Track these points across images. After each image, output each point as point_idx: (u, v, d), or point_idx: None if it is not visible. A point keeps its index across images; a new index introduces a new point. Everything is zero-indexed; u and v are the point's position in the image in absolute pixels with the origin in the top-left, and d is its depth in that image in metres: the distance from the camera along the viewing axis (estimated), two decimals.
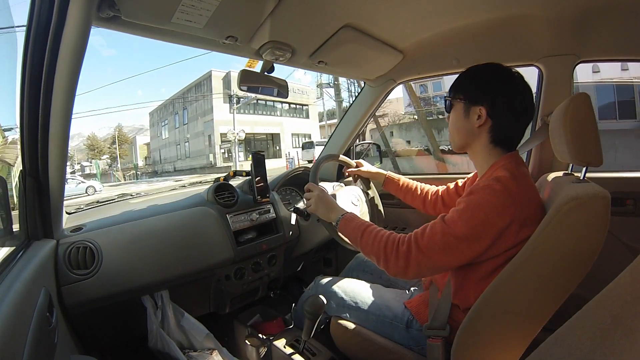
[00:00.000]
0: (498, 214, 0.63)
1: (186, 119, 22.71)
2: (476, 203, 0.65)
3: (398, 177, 1.15)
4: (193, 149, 21.99)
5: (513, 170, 0.68)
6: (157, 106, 27.20)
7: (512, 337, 0.68)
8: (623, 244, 1.05)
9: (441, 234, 0.66)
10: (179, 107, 23.51)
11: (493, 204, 0.63)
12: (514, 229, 0.63)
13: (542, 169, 1.14)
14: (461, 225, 0.64)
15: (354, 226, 0.80)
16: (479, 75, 0.75)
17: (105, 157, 31.85)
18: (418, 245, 0.68)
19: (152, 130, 29.13)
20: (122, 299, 0.89)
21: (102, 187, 14.10)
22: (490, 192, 0.64)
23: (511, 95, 0.71)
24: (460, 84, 0.78)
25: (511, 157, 0.73)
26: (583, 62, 1.09)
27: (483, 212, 0.63)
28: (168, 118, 25.43)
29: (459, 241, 0.65)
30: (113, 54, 64.89)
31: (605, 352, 0.29)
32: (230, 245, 1.07)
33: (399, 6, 0.90)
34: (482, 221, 0.63)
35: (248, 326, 1.19)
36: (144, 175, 27.10)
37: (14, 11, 0.81)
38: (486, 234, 0.64)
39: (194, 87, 21.51)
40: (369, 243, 0.75)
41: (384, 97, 1.51)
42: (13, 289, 0.51)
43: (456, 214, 0.66)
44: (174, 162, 24.73)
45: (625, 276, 0.31)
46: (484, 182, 0.67)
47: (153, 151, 29.50)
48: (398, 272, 0.70)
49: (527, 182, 0.68)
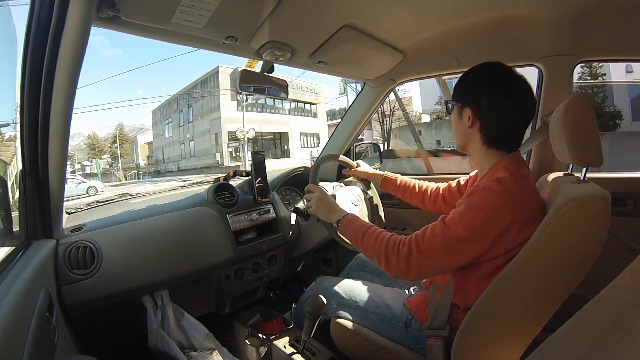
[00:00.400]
0: (498, 215, 0.63)
1: (191, 117, 21.72)
2: (476, 204, 0.65)
3: (395, 176, 1.15)
4: (198, 147, 21.09)
5: (514, 171, 0.68)
6: (160, 104, 26.28)
7: (512, 337, 0.68)
8: (623, 244, 1.05)
9: (441, 236, 0.66)
10: (184, 105, 22.57)
11: (493, 205, 0.63)
12: (515, 230, 0.63)
13: (542, 169, 1.14)
14: (461, 227, 0.64)
15: (355, 228, 0.80)
16: (468, 77, 0.77)
17: (106, 157, 31.42)
18: (419, 247, 0.68)
19: (154, 128, 28.17)
20: (122, 299, 0.89)
21: (104, 187, 13.25)
22: (491, 193, 0.64)
23: (495, 96, 0.71)
24: (455, 87, 0.79)
25: (512, 158, 0.72)
26: (583, 62, 1.09)
27: (483, 214, 0.63)
28: (172, 116, 24.44)
29: (459, 243, 0.65)
30: (114, 54, 64.93)
31: (605, 352, 0.29)
32: (230, 245, 1.07)
33: (399, 6, 0.90)
34: (482, 223, 0.63)
35: (248, 326, 1.19)
36: (146, 175, 26.24)
37: (14, 11, 0.81)
38: (486, 235, 0.64)
39: (200, 84, 20.30)
40: (370, 245, 0.75)
41: (384, 97, 1.51)
42: (13, 289, 0.51)
43: (456, 216, 0.66)
44: (177, 162, 23.83)
45: (625, 276, 0.31)
46: (484, 183, 0.67)
47: (155, 150, 28.52)
48: (399, 274, 0.70)
49: (528, 183, 0.68)
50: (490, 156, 0.75)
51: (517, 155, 0.74)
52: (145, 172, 26.96)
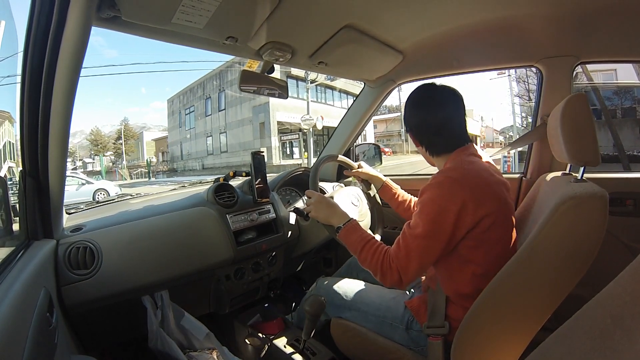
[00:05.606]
0: (448, 200, 0.70)
1: (223, 104, 17.56)
2: (428, 199, 0.73)
3: (395, 186, 1.15)
4: (233, 141, 17.11)
5: (456, 161, 0.77)
6: (178, 92, 21.55)
7: (511, 336, 0.68)
8: (623, 244, 1.05)
9: (411, 238, 0.72)
10: (213, 89, 18.12)
11: (440, 194, 0.71)
12: (470, 209, 0.69)
13: (541, 169, 1.15)
14: (422, 223, 0.71)
15: (356, 239, 0.82)
16: (405, 106, 0.87)
17: (109, 154, 29.92)
18: (399, 257, 0.73)
19: (170, 120, 23.63)
20: (122, 299, 0.89)
21: (119, 189, 10.37)
22: (435, 185, 0.73)
23: (422, 115, 0.83)
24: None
25: (457, 153, 0.80)
26: (583, 63, 1.09)
27: (436, 204, 0.71)
28: (195, 104, 19.96)
29: (426, 238, 0.71)
30: (115, 54, 64.71)
31: (605, 352, 0.29)
32: (230, 246, 1.07)
33: (399, 7, 0.90)
34: (437, 212, 0.70)
35: (248, 326, 1.19)
36: (159, 174, 22.10)
37: (14, 11, 0.81)
38: (445, 221, 0.70)
39: (238, 63, 15.08)
40: (368, 258, 0.78)
41: (384, 98, 1.51)
42: (13, 289, 0.51)
43: (416, 217, 0.74)
44: (202, 159, 19.68)
45: (625, 276, 0.32)
46: (430, 180, 0.75)
47: (171, 145, 23.94)
48: (393, 284, 0.75)
49: (473, 167, 0.75)
50: (440, 160, 0.84)
51: (464, 149, 0.80)
52: (159, 171, 23.10)
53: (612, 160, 4.45)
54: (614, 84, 9.41)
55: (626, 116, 9.12)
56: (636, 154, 6.73)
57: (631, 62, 1.05)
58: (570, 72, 1.08)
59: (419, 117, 0.83)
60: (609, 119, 5.37)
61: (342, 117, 1.62)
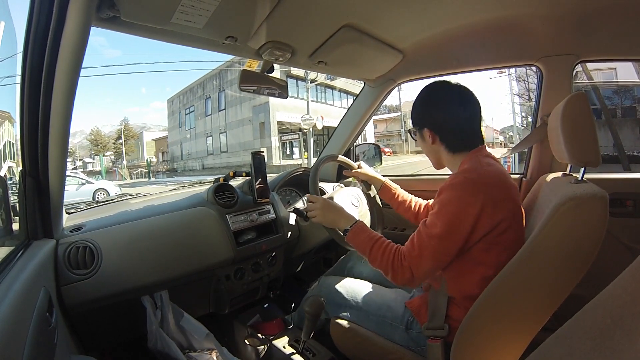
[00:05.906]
0: (467, 202, 0.69)
1: (223, 104, 17.51)
2: (446, 200, 0.72)
3: (395, 186, 1.15)
4: (233, 141, 17.11)
5: (474, 162, 0.76)
6: (177, 92, 21.51)
7: (511, 337, 0.68)
8: (623, 245, 1.05)
9: (427, 237, 0.72)
10: (213, 89, 18.15)
11: (459, 195, 0.70)
12: (488, 212, 0.68)
13: (541, 170, 1.14)
14: (440, 224, 0.70)
15: (364, 239, 0.82)
16: (417, 101, 0.85)
17: (109, 154, 29.85)
18: (412, 255, 0.73)
19: (170, 120, 23.47)
20: (121, 299, 0.89)
21: (119, 189, 10.31)
22: (454, 186, 0.72)
23: (444, 111, 0.80)
24: (411, 115, 0.89)
25: (473, 153, 0.79)
26: (582, 62, 1.09)
27: (454, 206, 0.70)
28: (195, 104, 19.93)
29: (442, 239, 0.70)
30: (115, 54, 64.72)
31: (605, 353, 0.29)
32: (230, 246, 1.06)
33: (399, 6, 0.90)
34: (455, 214, 0.70)
35: (248, 326, 1.19)
36: (159, 174, 22.09)
37: (13, 11, 0.81)
38: (463, 223, 0.69)
39: (237, 62, 15.05)
40: (378, 258, 0.78)
41: (384, 98, 1.51)
42: (13, 289, 0.51)
43: (434, 216, 0.73)
44: (202, 159, 19.71)
45: (625, 277, 0.31)
46: (449, 180, 0.74)
47: (171, 145, 23.90)
48: (405, 282, 0.75)
49: (490, 169, 0.74)
50: (457, 159, 0.82)
51: (479, 150, 0.80)
52: (159, 171, 23.07)
53: (612, 160, 4.44)
54: (614, 83, 9.38)
55: (626, 116, 9.09)
56: (636, 154, 6.71)
57: (631, 61, 1.05)
58: (570, 71, 1.08)
59: (445, 112, 0.80)
60: (609, 119, 5.36)
61: (342, 117, 1.62)
